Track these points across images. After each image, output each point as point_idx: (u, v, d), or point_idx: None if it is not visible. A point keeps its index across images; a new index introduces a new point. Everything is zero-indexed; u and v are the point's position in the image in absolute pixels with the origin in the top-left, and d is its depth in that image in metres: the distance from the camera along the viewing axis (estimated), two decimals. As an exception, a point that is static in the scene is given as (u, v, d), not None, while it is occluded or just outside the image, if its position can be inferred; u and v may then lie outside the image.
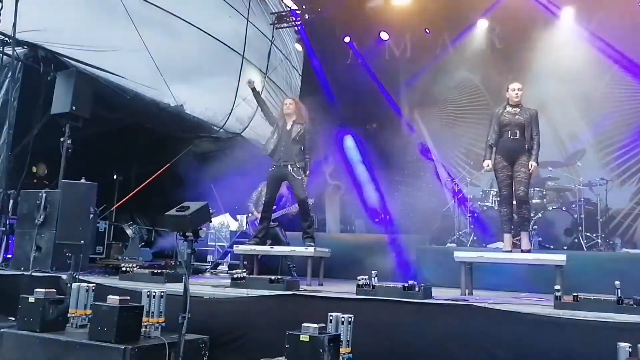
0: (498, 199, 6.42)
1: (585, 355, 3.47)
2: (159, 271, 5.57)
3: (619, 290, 3.91)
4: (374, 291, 4.46)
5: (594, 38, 9.12)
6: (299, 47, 11.50)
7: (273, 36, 10.87)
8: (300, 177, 6.33)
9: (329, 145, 11.19)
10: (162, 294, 4.19)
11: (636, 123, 8.86)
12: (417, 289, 4.37)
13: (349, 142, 11.29)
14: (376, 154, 10.72)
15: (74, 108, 6.54)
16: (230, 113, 9.71)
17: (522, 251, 5.58)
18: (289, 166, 6.32)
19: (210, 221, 6.67)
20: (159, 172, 9.55)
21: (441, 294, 4.81)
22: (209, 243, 10.85)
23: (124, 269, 5.67)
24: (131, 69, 7.80)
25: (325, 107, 11.04)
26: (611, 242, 7.79)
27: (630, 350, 3.00)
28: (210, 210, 3.92)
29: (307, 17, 11.05)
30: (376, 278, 4.60)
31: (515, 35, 9.70)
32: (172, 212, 3.83)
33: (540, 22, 9.45)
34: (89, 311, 4.27)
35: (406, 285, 4.42)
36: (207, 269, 8.44)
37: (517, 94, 5.72)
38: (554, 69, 9.30)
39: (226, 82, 9.73)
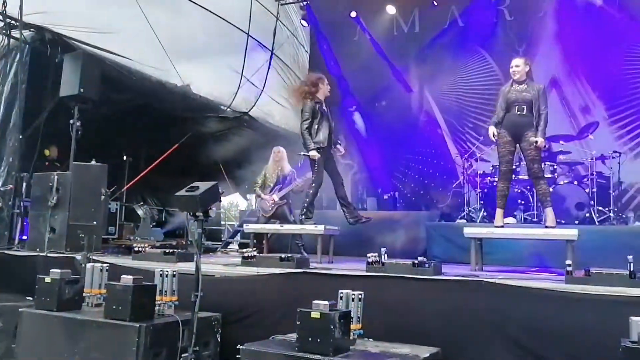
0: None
1: (597, 329, 3.48)
2: (171, 251, 5.63)
3: (631, 265, 3.88)
4: (383, 268, 4.48)
5: (607, 7, 8.92)
6: (304, 23, 11.35)
7: (278, 12, 10.74)
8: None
9: (339, 123, 11.12)
10: (175, 273, 4.27)
11: (650, 95, 8.70)
12: (427, 265, 4.38)
13: (359, 120, 11.21)
14: (386, 131, 10.65)
15: (82, 90, 6.55)
16: (237, 92, 9.67)
17: (547, 227, 5.54)
18: (334, 146, 6.51)
19: (220, 201, 6.69)
20: (168, 152, 9.59)
21: (451, 270, 4.82)
22: (220, 222, 10.92)
23: (136, 249, 5.75)
24: (137, 50, 7.76)
25: (333, 84, 10.95)
26: (624, 216, 7.74)
27: (643, 323, 3.00)
28: (220, 190, 3.93)
29: (312, -8, 10.92)
30: (386, 255, 4.61)
31: (526, 7, 9.51)
32: (182, 192, 3.85)
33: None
34: (103, 290, 4.37)
35: (416, 261, 4.43)
36: (218, 248, 8.51)
37: (514, 71, 5.66)
38: (565, 41, 9.14)
39: (232, 60, 9.66)
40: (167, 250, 5.64)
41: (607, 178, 7.75)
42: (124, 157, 9.81)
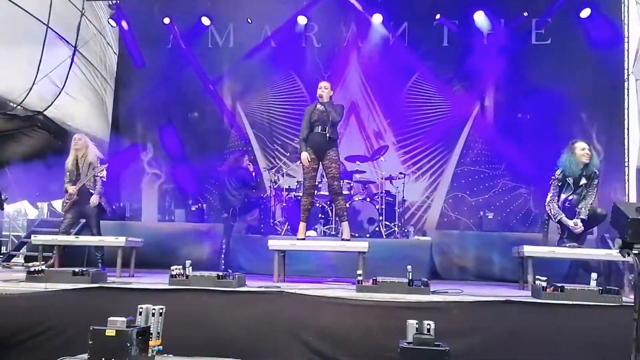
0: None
1: (381, 331, 3.89)
2: (-64, 266, 4.87)
3: (410, 274, 4.44)
4: (187, 281, 4.43)
5: (398, 43, 10.05)
6: (113, 23, 10.66)
7: (83, 8, 9.96)
8: None
9: (148, 132, 10.70)
10: (-61, 292, 3.70)
11: (430, 126, 10.00)
12: (231, 277, 4.45)
13: (169, 129, 10.86)
14: (197, 143, 10.53)
15: None
16: (31, 89, 8.70)
17: (343, 240, 5.98)
18: None
19: (3, 209, 5.96)
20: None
21: (255, 282, 4.95)
22: (4, 233, 9.73)
23: None
24: None
25: (144, 91, 10.52)
26: (406, 230, 8.73)
27: (417, 326, 3.42)
28: (2, 197, 3.52)
29: (123, -9, 10.35)
30: (190, 267, 4.57)
31: (332, 36, 10.26)
32: (-45, 199, 3.36)
33: (354, 25, 10.15)
34: None
35: (220, 274, 4.47)
36: (-2, 261, 7.56)
37: (321, 92, 6.05)
38: (365, 70, 10.10)
39: (26, 53, 8.68)
40: None
41: (393, 196, 8.70)
42: None
